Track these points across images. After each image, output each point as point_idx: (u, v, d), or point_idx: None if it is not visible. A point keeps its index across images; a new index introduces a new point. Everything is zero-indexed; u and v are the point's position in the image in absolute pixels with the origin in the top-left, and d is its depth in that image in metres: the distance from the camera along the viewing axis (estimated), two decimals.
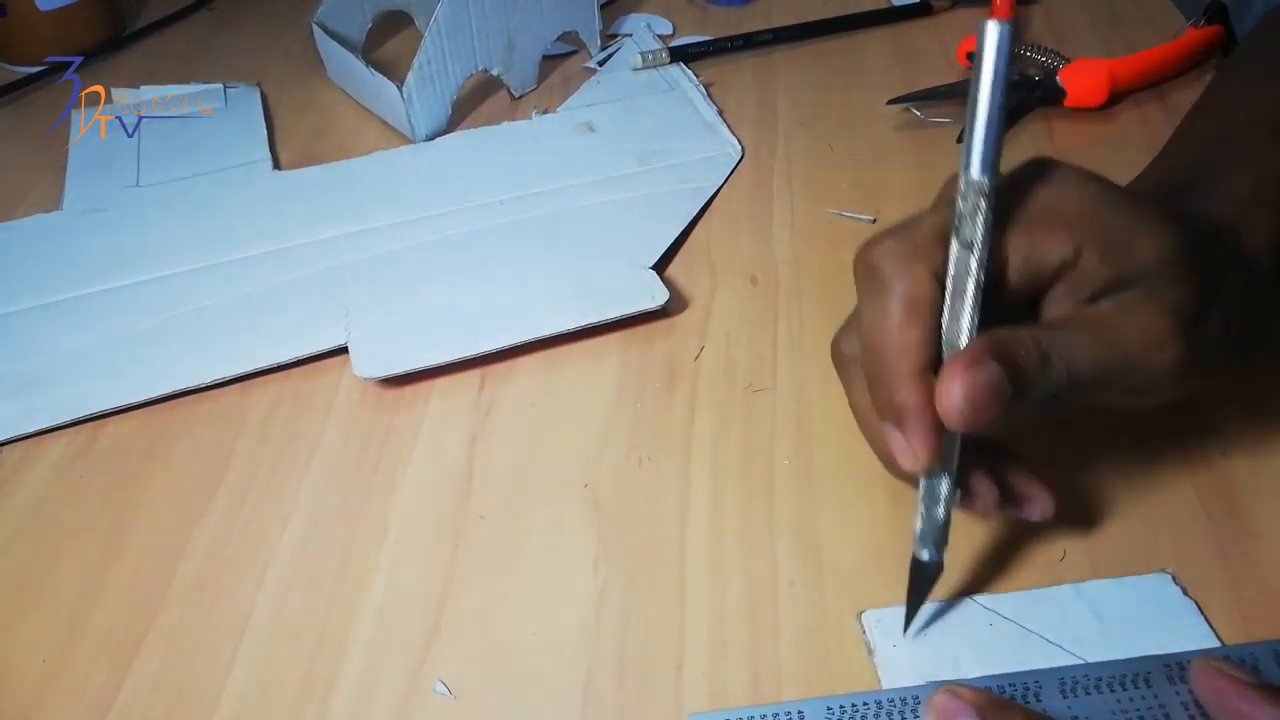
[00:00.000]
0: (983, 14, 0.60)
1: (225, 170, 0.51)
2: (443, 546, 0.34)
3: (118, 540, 0.35)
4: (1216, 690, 0.26)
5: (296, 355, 0.40)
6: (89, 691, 0.30)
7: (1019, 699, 0.28)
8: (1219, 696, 0.26)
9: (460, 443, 0.37)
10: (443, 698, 0.30)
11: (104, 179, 0.51)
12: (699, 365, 0.40)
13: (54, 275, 0.45)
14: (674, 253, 0.45)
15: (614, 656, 0.30)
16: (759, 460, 0.36)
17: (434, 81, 0.52)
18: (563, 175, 0.49)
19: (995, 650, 0.30)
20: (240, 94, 0.57)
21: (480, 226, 0.46)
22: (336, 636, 0.31)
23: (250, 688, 0.30)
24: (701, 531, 0.34)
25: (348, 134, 0.55)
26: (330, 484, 0.36)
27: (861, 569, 0.32)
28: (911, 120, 0.52)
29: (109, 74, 0.60)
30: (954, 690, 0.27)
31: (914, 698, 0.28)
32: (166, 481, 0.37)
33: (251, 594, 0.33)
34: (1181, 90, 0.53)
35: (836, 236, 0.45)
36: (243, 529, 0.35)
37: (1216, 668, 0.27)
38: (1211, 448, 0.35)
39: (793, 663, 0.30)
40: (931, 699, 0.27)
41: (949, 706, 0.27)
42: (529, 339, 0.40)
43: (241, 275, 0.44)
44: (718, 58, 0.58)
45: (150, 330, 0.42)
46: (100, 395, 0.39)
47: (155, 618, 0.32)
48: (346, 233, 0.46)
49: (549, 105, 0.55)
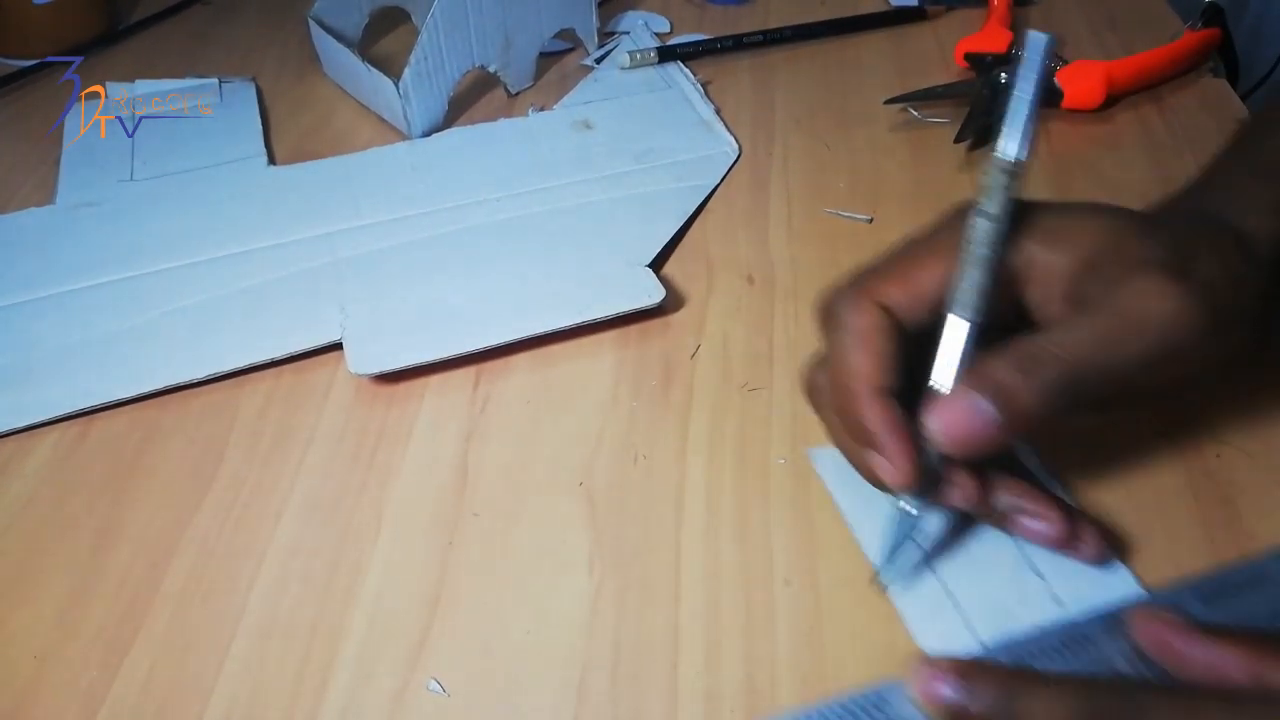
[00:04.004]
0: (978, 15, 0.60)
1: (220, 165, 0.51)
2: (437, 544, 0.34)
3: (110, 536, 0.34)
4: (1156, 636, 0.27)
5: (290, 351, 0.40)
6: (80, 688, 0.30)
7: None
8: (1159, 642, 0.27)
9: (455, 440, 0.37)
10: (436, 696, 0.30)
11: (98, 173, 0.51)
12: (695, 364, 0.40)
13: (47, 269, 0.45)
14: (670, 251, 0.45)
15: (609, 655, 0.30)
16: (755, 459, 0.36)
17: (431, 78, 0.52)
18: (559, 173, 0.49)
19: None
20: (235, 89, 0.57)
21: (476, 223, 0.46)
22: (329, 634, 0.31)
23: (243, 684, 0.30)
24: (697, 530, 0.34)
25: (343, 130, 0.54)
26: (324, 481, 0.36)
27: (858, 568, 0.32)
28: (909, 120, 0.52)
29: (104, 68, 0.60)
30: (932, 659, 0.27)
31: (878, 700, 0.28)
32: (159, 477, 0.36)
33: (244, 591, 0.33)
34: (1178, 92, 0.53)
35: (833, 236, 0.45)
36: (235, 525, 0.35)
37: (1154, 615, 0.28)
38: (1205, 447, 0.35)
39: (788, 662, 0.30)
40: (913, 669, 0.27)
41: (931, 675, 0.27)
42: (524, 336, 0.39)
43: (235, 271, 0.44)
44: (715, 56, 0.58)
45: (143, 325, 0.42)
46: (92, 390, 0.39)
47: (147, 614, 0.32)
48: (341, 229, 0.46)
49: (546, 102, 0.55)
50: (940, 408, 0.28)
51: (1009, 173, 0.29)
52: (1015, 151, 0.29)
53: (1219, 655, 0.26)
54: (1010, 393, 0.27)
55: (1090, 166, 0.49)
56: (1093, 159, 0.49)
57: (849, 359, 0.30)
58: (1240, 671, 0.25)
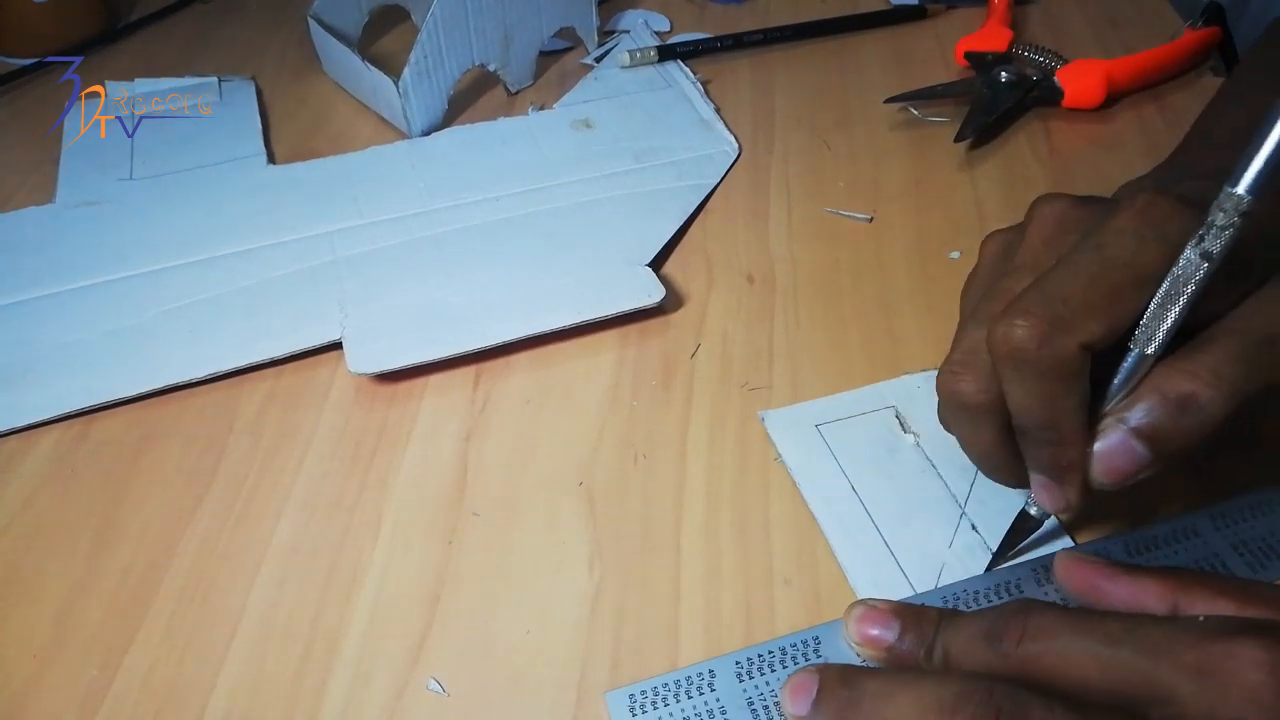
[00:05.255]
0: (978, 14, 0.60)
1: (219, 164, 0.51)
2: (436, 543, 0.34)
3: (109, 536, 0.34)
4: (1079, 576, 0.28)
5: (290, 350, 0.40)
6: (79, 687, 0.30)
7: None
8: (1082, 581, 0.28)
9: (455, 439, 0.37)
10: (436, 695, 0.30)
11: (97, 172, 0.51)
12: (695, 363, 0.40)
13: (46, 269, 0.45)
14: (670, 250, 0.45)
15: (608, 654, 0.30)
16: (755, 459, 0.36)
17: (430, 76, 0.52)
18: (559, 171, 0.49)
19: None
20: (235, 88, 0.57)
21: (475, 222, 0.46)
22: (329, 633, 0.31)
23: (242, 684, 0.30)
24: (697, 530, 0.34)
25: (343, 128, 0.54)
26: (323, 480, 0.36)
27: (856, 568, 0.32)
28: (909, 119, 0.52)
29: (103, 67, 0.60)
30: (869, 601, 0.28)
31: (814, 639, 0.29)
32: (158, 477, 0.36)
33: (244, 590, 0.33)
34: (1178, 91, 0.53)
35: (833, 235, 0.45)
36: (235, 525, 0.35)
37: (1077, 557, 0.29)
38: None
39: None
40: (848, 611, 0.28)
41: (871, 616, 0.28)
42: (524, 335, 0.39)
43: (235, 270, 0.44)
44: (715, 55, 0.58)
45: (143, 324, 0.42)
46: (92, 390, 0.39)
47: (146, 614, 0.32)
48: (341, 228, 0.46)
49: (546, 101, 0.55)
50: (1106, 452, 0.28)
51: (1244, 214, 0.26)
52: (1246, 189, 0.26)
53: (1139, 588, 0.27)
54: (1166, 437, 0.27)
55: (1090, 166, 0.49)
56: (1093, 158, 0.49)
57: (1059, 404, 0.27)
58: (1158, 601, 0.26)
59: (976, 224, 0.45)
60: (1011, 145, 0.50)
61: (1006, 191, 0.47)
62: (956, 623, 0.27)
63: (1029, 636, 0.25)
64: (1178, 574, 0.27)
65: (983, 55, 0.55)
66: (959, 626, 0.27)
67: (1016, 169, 0.49)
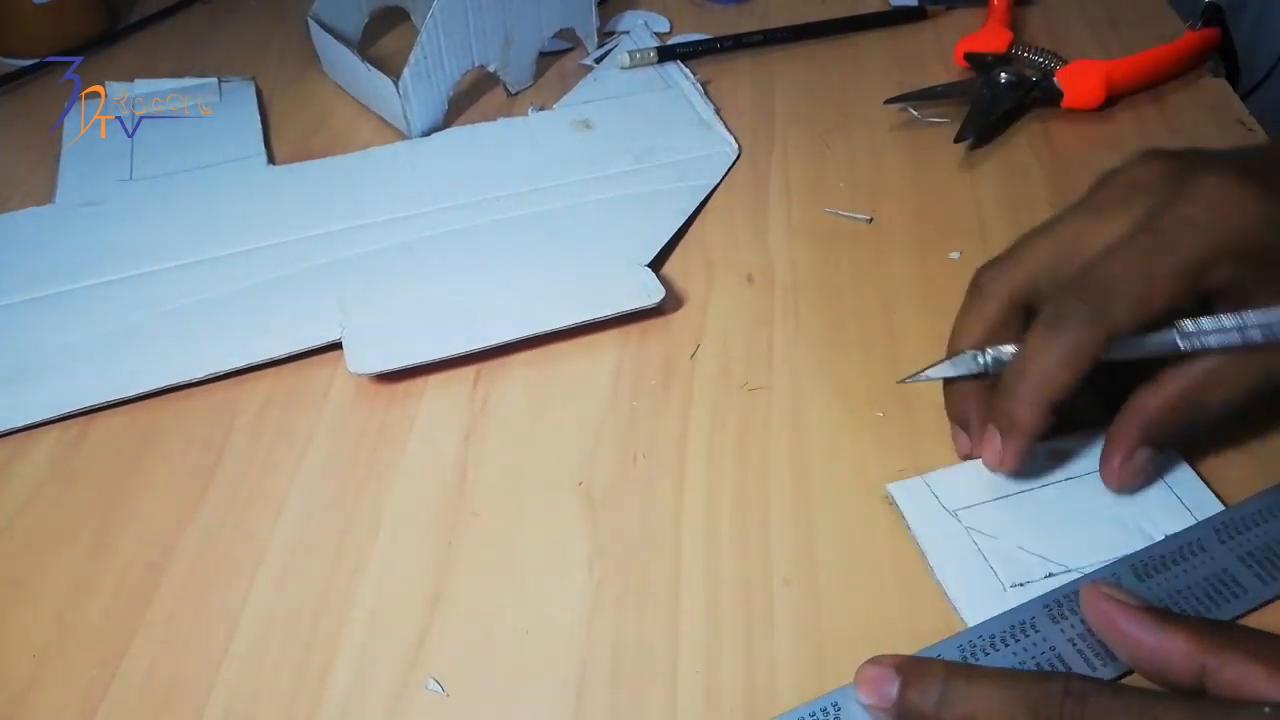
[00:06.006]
0: (978, 14, 0.60)
1: (219, 165, 0.51)
2: (436, 543, 0.34)
3: (108, 536, 0.34)
4: (1104, 615, 0.27)
5: (289, 350, 0.40)
6: (78, 688, 0.30)
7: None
8: (1107, 621, 0.27)
9: (454, 439, 0.37)
10: (435, 695, 0.30)
11: (97, 172, 0.51)
12: (695, 363, 0.40)
13: (46, 269, 0.45)
14: (670, 250, 0.45)
15: (608, 654, 0.30)
16: (754, 459, 0.36)
17: (430, 77, 0.52)
18: (559, 172, 0.49)
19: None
20: (235, 88, 0.57)
21: (475, 223, 0.46)
22: (328, 633, 0.31)
23: (241, 684, 0.30)
24: (696, 530, 0.33)
25: (343, 129, 0.54)
26: (323, 480, 0.36)
27: (858, 568, 0.32)
28: (908, 120, 0.52)
29: (103, 67, 0.60)
30: (877, 659, 0.28)
31: (833, 704, 0.28)
32: (158, 477, 0.36)
33: (243, 590, 0.33)
34: (1178, 92, 0.53)
35: (833, 235, 0.45)
36: (234, 525, 0.35)
37: (1102, 592, 0.28)
38: None
39: (788, 662, 0.30)
40: (859, 672, 0.28)
41: (875, 675, 0.27)
42: (524, 335, 0.39)
43: (235, 270, 0.44)
44: (714, 55, 0.58)
45: (142, 324, 0.42)
46: (91, 389, 0.39)
47: (145, 614, 0.32)
48: (341, 228, 0.46)
49: (545, 102, 0.55)
50: (1116, 468, 0.32)
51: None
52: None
53: (1166, 640, 0.26)
54: (1166, 435, 0.31)
55: (1090, 166, 0.48)
56: (1093, 159, 0.49)
57: (1055, 374, 0.30)
58: (1185, 660, 0.26)
59: (976, 224, 0.45)
60: (1011, 146, 0.50)
61: (1006, 192, 0.47)
62: (974, 680, 0.26)
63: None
64: (1206, 632, 0.26)
65: (982, 56, 0.55)
66: (978, 685, 0.26)
67: (1016, 169, 0.49)
